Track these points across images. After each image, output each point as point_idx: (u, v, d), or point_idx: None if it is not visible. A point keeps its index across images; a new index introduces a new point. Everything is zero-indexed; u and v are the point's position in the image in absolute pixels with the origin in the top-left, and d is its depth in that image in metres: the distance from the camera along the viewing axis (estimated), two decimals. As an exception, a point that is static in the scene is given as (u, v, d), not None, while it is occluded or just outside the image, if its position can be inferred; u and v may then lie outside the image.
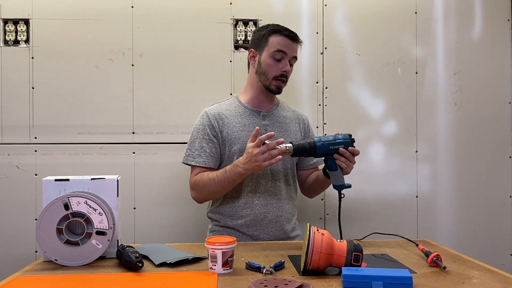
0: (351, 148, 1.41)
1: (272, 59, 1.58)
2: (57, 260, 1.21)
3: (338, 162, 1.41)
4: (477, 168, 2.09)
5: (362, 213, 2.02)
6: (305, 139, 1.41)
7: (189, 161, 1.61)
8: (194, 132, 1.64)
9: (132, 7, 1.95)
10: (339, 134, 1.43)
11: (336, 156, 1.40)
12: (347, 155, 1.41)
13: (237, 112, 1.64)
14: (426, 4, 2.08)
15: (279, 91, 1.62)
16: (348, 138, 1.42)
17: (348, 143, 1.41)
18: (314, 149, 1.38)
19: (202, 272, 1.15)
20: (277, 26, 1.62)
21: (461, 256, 1.32)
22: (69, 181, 1.27)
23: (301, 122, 1.73)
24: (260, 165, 1.38)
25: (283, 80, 1.60)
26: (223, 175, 1.49)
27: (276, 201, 1.61)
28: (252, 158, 1.37)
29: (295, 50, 1.62)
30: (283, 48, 1.58)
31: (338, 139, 1.41)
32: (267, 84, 1.60)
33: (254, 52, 1.64)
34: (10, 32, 1.91)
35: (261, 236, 1.59)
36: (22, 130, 1.91)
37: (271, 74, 1.59)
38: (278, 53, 1.58)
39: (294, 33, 1.61)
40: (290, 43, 1.59)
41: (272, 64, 1.59)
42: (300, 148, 1.38)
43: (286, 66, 1.59)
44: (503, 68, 2.11)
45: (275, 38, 1.59)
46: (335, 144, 1.40)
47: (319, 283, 1.05)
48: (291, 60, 1.61)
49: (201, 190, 1.57)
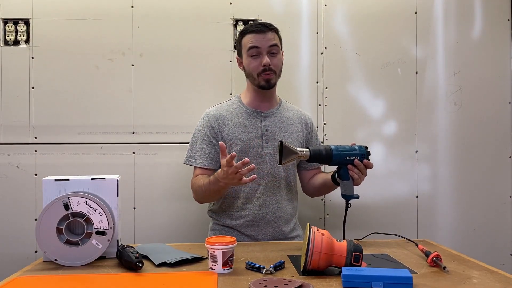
0: (366, 161, 1.40)
1: (250, 58, 1.59)
2: (57, 260, 1.21)
3: (351, 173, 1.40)
4: (477, 168, 2.09)
5: (362, 213, 2.02)
6: (322, 145, 1.41)
7: (191, 162, 1.62)
8: (195, 133, 1.65)
9: (132, 7, 1.95)
10: (355, 145, 1.42)
11: (350, 167, 1.39)
12: (361, 168, 1.39)
13: (238, 113, 1.64)
14: (426, 4, 2.08)
15: (269, 84, 1.60)
16: (364, 151, 1.41)
17: (363, 156, 1.40)
18: (330, 157, 1.37)
19: (202, 272, 1.15)
20: (247, 26, 1.64)
21: (461, 256, 1.32)
22: (69, 181, 1.27)
23: (303, 122, 1.72)
24: (237, 182, 1.36)
25: (269, 74, 1.58)
26: (208, 186, 1.50)
27: (276, 202, 1.61)
28: (228, 176, 1.36)
29: (270, 39, 1.58)
30: (254, 43, 1.57)
31: (355, 150, 1.40)
32: (256, 83, 1.60)
33: (239, 59, 1.67)
34: (10, 32, 1.91)
35: (259, 237, 1.59)
36: (22, 130, 1.91)
37: (254, 72, 1.59)
38: (251, 50, 1.58)
39: (262, 24, 1.60)
40: (260, 36, 1.57)
41: (252, 63, 1.59)
42: (317, 154, 1.36)
43: (264, 59, 1.57)
44: (503, 68, 2.11)
45: (246, 38, 1.60)
46: (351, 155, 1.39)
47: (319, 283, 1.05)
48: (271, 49, 1.58)
49: (196, 194, 1.60)
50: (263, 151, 1.60)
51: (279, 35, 1.64)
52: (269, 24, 1.61)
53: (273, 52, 1.59)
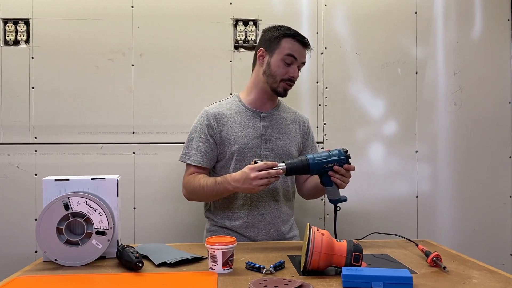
0: (347, 165, 1.38)
1: (282, 62, 1.57)
2: (57, 260, 1.21)
3: (333, 179, 1.38)
4: (477, 168, 2.09)
5: (362, 213, 2.02)
6: (299, 157, 1.38)
7: (185, 159, 1.61)
8: (192, 131, 1.64)
9: (132, 7, 1.95)
10: (333, 150, 1.39)
11: (331, 173, 1.37)
12: (342, 172, 1.38)
13: (237, 112, 1.64)
14: (426, 4, 2.08)
15: (285, 94, 1.61)
16: (343, 155, 1.38)
17: (343, 160, 1.37)
18: (308, 168, 1.36)
19: (202, 272, 1.15)
20: (290, 29, 1.61)
21: (461, 256, 1.32)
22: (69, 181, 1.27)
23: (301, 124, 1.72)
24: (255, 189, 1.37)
25: (290, 84, 1.60)
26: (212, 186, 1.49)
27: (274, 203, 1.61)
28: (249, 181, 1.36)
29: (305, 56, 1.62)
30: (295, 53, 1.57)
31: (333, 156, 1.37)
32: (275, 86, 1.59)
33: (263, 52, 1.61)
34: (10, 32, 1.91)
35: (258, 238, 1.59)
36: (22, 130, 1.91)
37: (279, 76, 1.58)
38: (289, 57, 1.57)
39: (306, 39, 1.60)
40: (301, 48, 1.59)
41: (281, 67, 1.57)
42: (293, 168, 1.36)
43: (295, 71, 1.58)
44: (503, 68, 2.11)
45: (288, 42, 1.57)
46: (329, 162, 1.37)
47: (319, 283, 1.05)
48: (301, 65, 1.62)
49: (192, 192, 1.59)
50: (262, 151, 1.60)
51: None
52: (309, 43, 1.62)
53: (299, 69, 1.62)
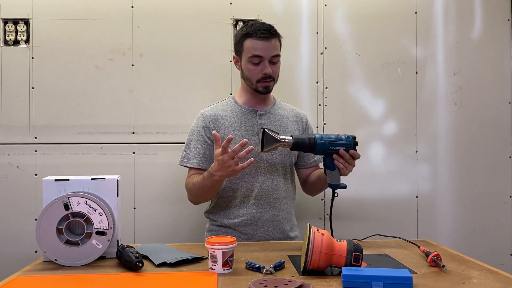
0: (352, 151, 1.37)
1: (250, 64, 1.55)
2: (57, 260, 1.21)
3: (336, 163, 1.37)
4: (477, 168, 2.09)
5: (362, 213, 2.02)
6: (306, 134, 1.38)
7: (185, 163, 1.62)
8: (190, 134, 1.65)
9: (132, 7, 1.95)
10: (342, 135, 1.39)
11: (335, 156, 1.37)
12: (347, 158, 1.37)
13: (234, 112, 1.64)
14: (426, 4, 2.08)
15: (267, 91, 1.59)
16: (351, 141, 1.38)
17: (350, 146, 1.37)
18: (314, 146, 1.35)
19: (202, 272, 1.15)
20: (250, 27, 1.55)
21: (461, 256, 1.32)
22: (69, 181, 1.27)
23: (299, 120, 1.71)
24: (234, 169, 1.36)
25: (268, 81, 1.57)
26: (202, 182, 1.49)
27: (274, 200, 1.60)
28: (224, 164, 1.35)
29: (273, 48, 1.54)
30: (258, 52, 1.52)
31: (341, 139, 1.37)
32: (254, 87, 1.59)
33: (236, 58, 1.62)
34: (10, 32, 1.91)
35: (257, 236, 1.58)
36: (22, 130, 1.91)
37: (253, 78, 1.57)
38: (254, 58, 1.53)
39: (267, 31, 1.53)
40: (265, 44, 1.52)
41: (252, 69, 1.55)
42: (300, 142, 1.35)
43: (265, 68, 1.54)
44: (503, 68, 2.11)
45: (249, 43, 1.54)
46: (336, 145, 1.36)
47: (319, 283, 1.05)
48: (273, 58, 1.55)
49: (190, 193, 1.59)
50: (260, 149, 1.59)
51: (280, 40, 1.60)
52: (273, 30, 1.56)
53: (274, 62, 1.57)
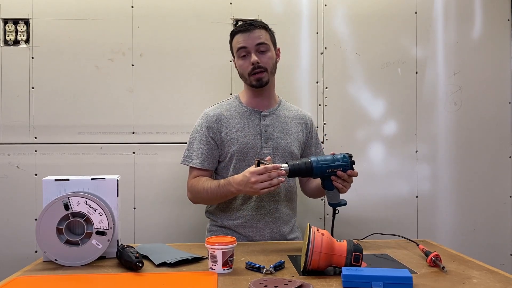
0: (350, 171, 1.36)
1: (240, 59, 1.59)
2: (57, 260, 1.21)
3: (335, 184, 1.36)
4: (477, 168, 2.09)
5: (362, 213, 2.02)
6: (302, 159, 1.35)
7: (187, 162, 1.62)
8: (193, 133, 1.64)
9: (132, 7, 1.95)
10: (337, 154, 1.36)
11: (334, 178, 1.35)
12: (345, 178, 1.36)
13: (237, 112, 1.64)
14: (426, 4, 2.08)
15: (261, 83, 1.58)
16: (348, 160, 1.35)
17: (347, 166, 1.35)
18: (311, 170, 1.33)
19: (202, 272, 1.15)
20: (235, 27, 1.64)
21: (461, 256, 1.32)
22: (69, 181, 1.27)
23: (303, 122, 1.70)
24: (257, 192, 1.35)
25: (258, 72, 1.56)
26: (216, 189, 1.49)
27: (274, 203, 1.60)
28: (250, 184, 1.34)
29: (256, 37, 1.56)
30: (241, 44, 1.56)
31: (337, 160, 1.34)
32: (248, 82, 1.60)
33: (233, 60, 1.67)
34: (10, 32, 1.91)
35: (256, 238, 1.59)
36: (22, 130, 1.91)
37: (245, 72, 1.59)
38: (240, 50, 1.58)
39: (249, 23, 1.58)
40: (246, 35, 1.56)
41: (241, 64, 1.59)
42: (296, 169, 1.33)
43: (252, 58, 1.56)
44: (503, 68, 2.11)
45: (234, 39, 1.60)
46: (333, 167, 1.34)
47: (319, 283, 1.05)
48: (258, 47, 1.56)
49: (196, 195, 1.59)
50: (262, 151, 1.60)
51: (270, 32, 1.62)
52: (256, 22, 1.61)
53: (262, 50, 1.57)
